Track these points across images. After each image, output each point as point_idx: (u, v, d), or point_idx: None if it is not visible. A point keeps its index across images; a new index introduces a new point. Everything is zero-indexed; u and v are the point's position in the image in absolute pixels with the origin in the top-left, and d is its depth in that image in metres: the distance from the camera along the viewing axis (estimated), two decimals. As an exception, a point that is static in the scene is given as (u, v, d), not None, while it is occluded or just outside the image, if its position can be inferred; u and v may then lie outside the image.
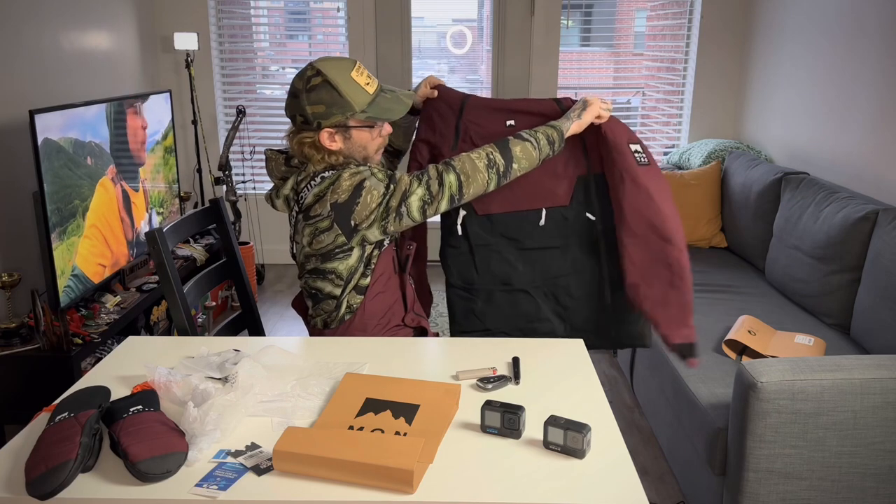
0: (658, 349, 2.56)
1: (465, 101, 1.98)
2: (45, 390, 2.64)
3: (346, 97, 1.70)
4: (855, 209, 2.63)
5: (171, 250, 2.23)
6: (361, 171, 1.71)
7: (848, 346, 2.51)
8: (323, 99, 1.69)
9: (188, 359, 1.56)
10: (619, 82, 4.84)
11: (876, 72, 2.99)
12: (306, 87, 1.70)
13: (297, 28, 4.78)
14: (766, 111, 4.09)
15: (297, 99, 1.71)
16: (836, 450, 1.88)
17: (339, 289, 1.81)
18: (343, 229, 1.71)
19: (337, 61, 1.72)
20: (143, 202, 3.38)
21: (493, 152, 1.74)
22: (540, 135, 1.78)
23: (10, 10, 3.04)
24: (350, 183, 1.69)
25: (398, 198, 1.70)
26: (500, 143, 1.77)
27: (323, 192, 1.70)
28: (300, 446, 1.21)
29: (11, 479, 1.21)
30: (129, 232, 3.25)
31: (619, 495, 1.17)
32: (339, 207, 1.69)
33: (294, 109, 1.73)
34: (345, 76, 1.70)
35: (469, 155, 1.74)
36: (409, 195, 1.70)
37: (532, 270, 1.95)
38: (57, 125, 2.69)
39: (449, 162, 1.73)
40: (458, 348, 1.71)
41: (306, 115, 1.71)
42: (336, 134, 1.73)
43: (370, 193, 1.69)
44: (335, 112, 1.70)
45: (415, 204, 1.71)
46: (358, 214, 1.70)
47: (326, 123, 1.71)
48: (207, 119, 4.67)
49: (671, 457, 2.51)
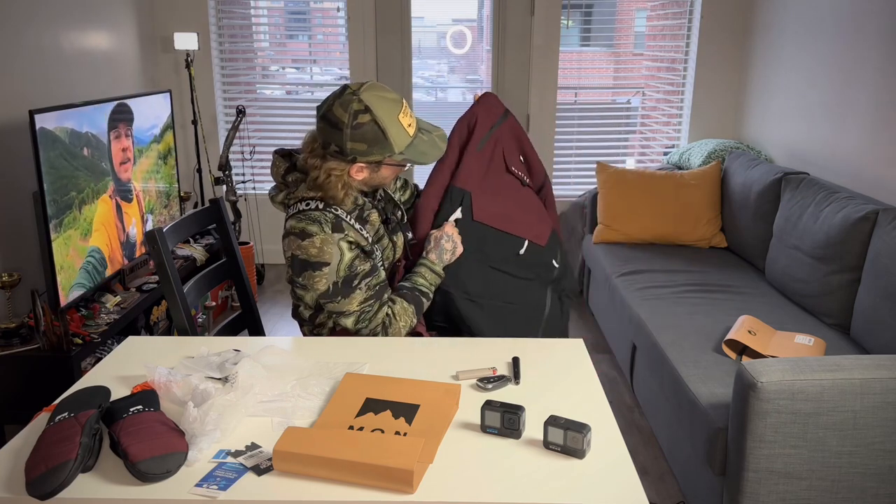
0: (658, 349, 2.56)
1: (506, 115, 2.09)
2: (45, 390, 2.64)
3: (390, 140, 1.69)
4: (855, 209, 2.63)
5: (171, 250, 2.23)
6: (331, 248, 1.71)
7: (848, 346, 2.51)
8: (367, 138, 1.67)
9: (188, 359, 1.56)
10: (619, 82, 4.84)
11: (876, 72, 2.99)
12: (352, 123, 1.66)
13: (297, 28, 4.78)
14: (766, 111, 4.09)
15: (339, 131, 1.67)
16: (836, 450, 1.88)
17: (308, 312, 1.85)
18: (294, 276, 1.77)
19: (385, 99, 1.69)
20: (135, 211, 3.39)
21: (413, 319, 1.82)
22: (433, 287, 1.87)
23: (10, 10, 3.04)
24: (315, 252, 1.71)
25: (335, 307, 1.75)
26: (418, 303, 1.83)
27: (295, 231, 1.72)
28: (300, 446, 1.21)
29: (11, 479, 1.21)
30: (122, 235, 3.26)
31: (619, 495, 1.17)
32: (296, 261, 1.73)
33: (332, 139, 1.68)
34: (392, 118, 1.68)
35: (399, 323, 1.80)
36: (341, 318, 1.77)
37: (489, 288, 1.96)
38: (54, 115, 2.70)
39: (388, 325, 1.79)
40: (458, 348, 1.71)
41: (344, 148, 1.68)
42: (366, 168, 1.73)
43: (322, 278, 1.72)
44: (375, 152, 1.69)
45: (343, 323, 1.77)
46: (306, 279, 1.74)
47: (363, 160, 1.70)
48: (207, 119, 4.67)
49: (671, 457, 2.51)
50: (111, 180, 3.13)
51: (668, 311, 2.81)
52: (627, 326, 2.99)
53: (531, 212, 2.04)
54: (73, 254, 2.81)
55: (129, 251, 3.33)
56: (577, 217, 4.23)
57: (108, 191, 3.09)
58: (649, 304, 2.90)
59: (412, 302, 1.83)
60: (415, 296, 1.84)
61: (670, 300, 2.92)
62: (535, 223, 2.03)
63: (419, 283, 1.85)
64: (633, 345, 3.00)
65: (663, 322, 2.71)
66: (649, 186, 3.73)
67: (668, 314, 2.78)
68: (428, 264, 1.87)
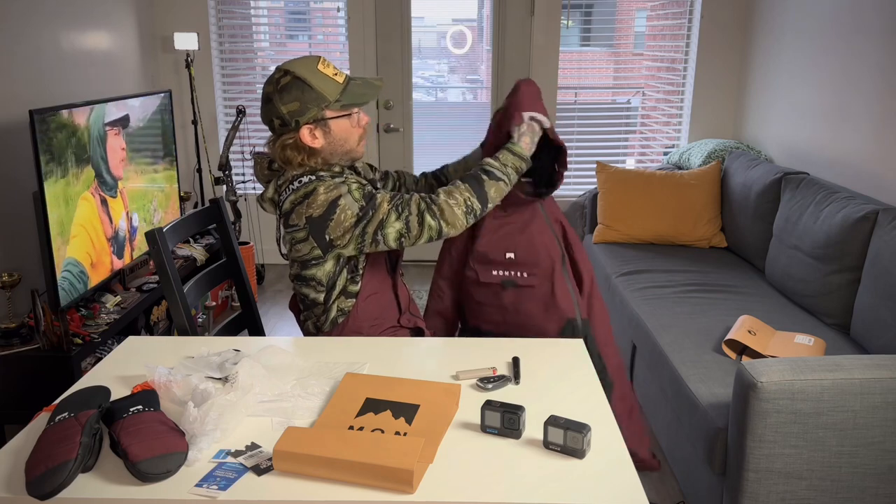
0: (658, 349, 2.56)
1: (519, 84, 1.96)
2: (45, 390, 2.64)
3: (317, 89, 1.71)
4: (855, 209, 2.63)
5: (171, 250, 2.23)
6: (338, 187, 1.71)
7: (848, 346, 2.51)
8: (296, 96, 1.70)
9: (188, 359, 1.56)
10: (619, 82, 4.84)
11: (876, 72, 2.99)
12: (277, 89, 1.71)
13: (297, 28, 4.78)
14: (766, 111, 4.09)
15: (271, 103, 1.72)
16: (836, 450, 1.88)
17: (322, 295, 1.82)
18: (318, 243, 1.72)
19: (301, 59, 1.75)
20: (120, 206, 3.28)
21: (470, 197, 1.74)
22: (510, 169, 1.79)
23: (9, 9, 3.04)
24: (325, 198, 1.69)
25: (375, 225, 1.71)
26: (476, 185, 1.75)
27: (298, 200, 1.71)
28: (300, 446, 1.21)
29: (11, 479, 1.21)
30: (109, 230, 3.17)
31: (619, 495, 1.17)
32: (313, 221, 1.70)
33: (270, 114, 1.74)
34: (312, 70, 1.72)
35: (448, 202, 1.72)
36: (385, 225, 1.71)
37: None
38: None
39: (431, 205, 1.72)
40: (458, 348, 1.71)
41: (283, 116, 1.71)
42: (316, 129, 1.73)
43: (344, 212, 1.69)
44: (310, 106, 1.71)
45: (391, 235, 1.72)
46: (332, 231, 1.70)
47: (304, 120, 1.72)
48: (207, 119, 4.67)
49: (671, 457, 2.51)
50: (94, 176, 3.02)
51: (668, 311, 2.81)
52: (627, 326, 2.99)
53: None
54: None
55: (118, 248, 3.21)
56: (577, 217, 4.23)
57: (90, 187, 2.98)
58: (649, 304, 2.90)
59: (465, 180, 1.76)
60: (470, 174, 1.78)
61: (670, 300, 2.92)
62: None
63: (485, 163, 1.79)
64: (633, 345, 3.00)
65: (663, 322, 2.71)
66: (649, 186, 3.73)
67: (668, 314, 2.78)
68: (508, 145, 1.82)
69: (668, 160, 4.41)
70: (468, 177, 1.77)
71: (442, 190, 1.75)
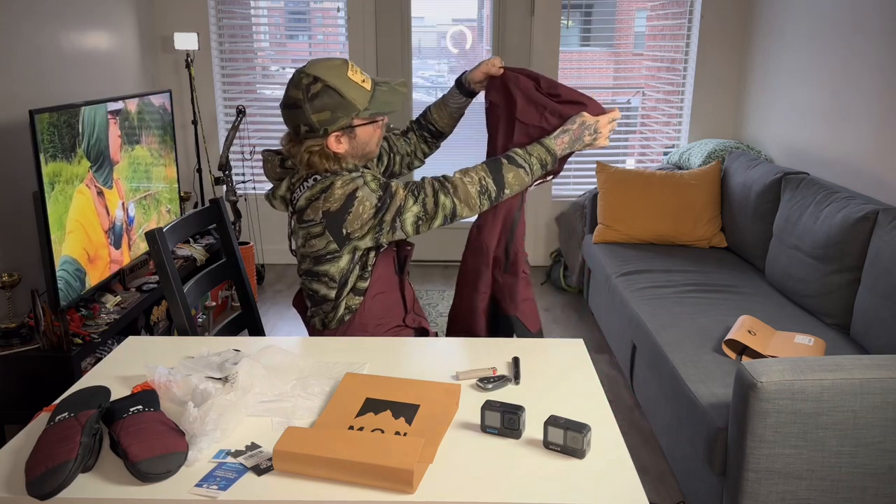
0: (658, 349, 2.56)
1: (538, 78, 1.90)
2: (45, 390, 2.64)
3: (348, 99, 1.70)
4: (855, 209, 2.63)
5: (171, 250, 2.23)
6: (354, 180, 1.71)
7: (848, 346, 2.51)
8: (327, 105, 1.68)
9: (188, 359, 1.56)
10: (619, 82, 4.84)
11: (876, 71, 2.99)
12: (308, 96, 1.68)
13: (297, 28, 4.78)
14: (765, 111, 4.09)
15: (300, 109, 1.69)
16: (836, 450, 1.88)
17: (333, 291, 1.81)
18: (335, 237, 1.72)
19: (329, 64, 1.71)
20: (116, 197, 3.26)
21: (485, 178, 1.73)
22: (534, 159, 1.77)
23: (9, 10, 3.04)
24: (343, 192, 1.69)
25: (392, 212, 1.70)
26: (494, 168, 1.75)
27: (315, 196, 1.70)
28: (300, 446, 1.21)
29: (11, 479, 1.21)
30: (105, 222, 3.15)
31: (619, 495, 1.17)
32: (330, 216, 1.70)
33: (297, 119, 1.71)
34: (343, 78, 1.70)
35: (463, 179, 1.72)
36: (403, 211, 1.70)
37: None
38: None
39: (445, 183, 1.73)
40: (458, 348, 1.71)
41: (311, 123, 1.70)
42: (342, 136, 1.73)
43: (362, 204, 1.69)
44: (340, 115, 1.70)
45: (409, 220, 1.71)
46: (350, 224, 1.70)
47: (333, 128, 1.71)
48: (207, 119, 4.67)
49: (671, 457, 2.51)
50: (90, 167, 2.99)
51: (668, 311, 2.81)
52: (627, 326, 2.99)
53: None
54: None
55: (116, 239, 3.18)
56: (577, 217, 4.23)
57: (85, 179, 2.96)
58: (649, 304, 2.90)
59: (485, 162, 1.76)
60: (492, 158, 1.77)
61: (670, 300, 2.92)
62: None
63: (511, 150, 1.79)
64: (633, 345, 3.00)
65: (663, 322, 2.71)
66: (649, 186, 3.73)
67: (668, 314, 2.78)
68: (543, 138, 1.79)
69: (668, 160, 4.41)
70: (489, 160, 1.77)
71: (458, 170, 1.75)
